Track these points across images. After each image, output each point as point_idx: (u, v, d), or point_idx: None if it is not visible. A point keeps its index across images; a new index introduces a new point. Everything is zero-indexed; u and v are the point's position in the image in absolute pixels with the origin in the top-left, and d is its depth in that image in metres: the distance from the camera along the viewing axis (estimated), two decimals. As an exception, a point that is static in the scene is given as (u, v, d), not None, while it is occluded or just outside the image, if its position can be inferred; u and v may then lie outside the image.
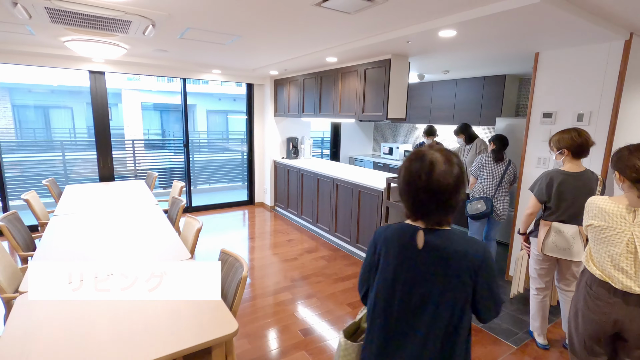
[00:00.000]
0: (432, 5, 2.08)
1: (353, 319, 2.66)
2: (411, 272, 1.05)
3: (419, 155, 1.02)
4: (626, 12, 2.11)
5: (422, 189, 0.98)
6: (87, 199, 3.53)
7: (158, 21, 2.48)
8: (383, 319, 1.09)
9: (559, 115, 2.92)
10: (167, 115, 16.71)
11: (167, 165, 7.22)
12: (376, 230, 1.20)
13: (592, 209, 1.52)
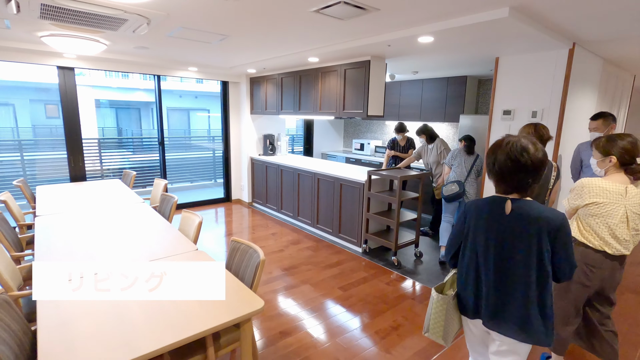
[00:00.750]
0: (416, 15, 2.35)
1: (345, 300, 2.89)
2: (500, 233, 1.33)
3: (512, 142, 1.30)
4: (570, 26, 2.53)
5: (520, 168, 1.26)
6: (67, 198, 3.44)
7: (154, 20, 2.53)
8: (481, 270, 1.38)
9: (516, 113, 3.36)
10: (123, 113, 15.94)
11: (137, 164, 7.00)
12: (466, 204, 1.47)
13: (592, 189, 1.79)
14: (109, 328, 1.44)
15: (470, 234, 1.41)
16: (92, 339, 1.37)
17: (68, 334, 1.40)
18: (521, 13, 2.23)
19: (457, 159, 3.72)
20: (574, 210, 1.90)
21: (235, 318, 1.56)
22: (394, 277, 3.41)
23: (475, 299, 1.41)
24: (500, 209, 1.33)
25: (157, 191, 3.94)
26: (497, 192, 1.39)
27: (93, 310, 1.56)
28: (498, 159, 1.32)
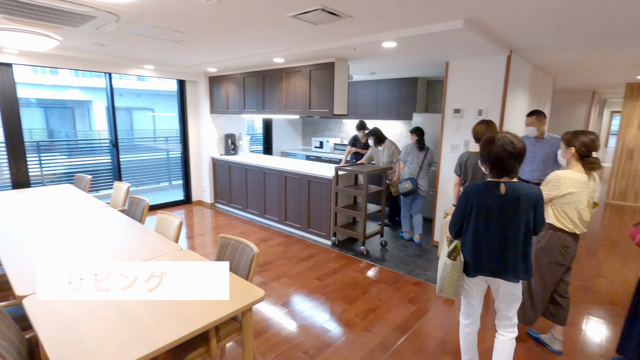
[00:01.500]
0: (383, 23, 2.59)
1: (323, 289, 3.06)
2: (498, 209, 1.70)
3: (501, 137, 1.67)
4: (508, 36, 2.94)
5: (512, 156, 1.64)
6: (21, 206, 3.18)
7: (124, 18, 2.47)
8: (482, 237, 1.74)
9: (465, 111, 3.77)
10: (53, 113, 14.57)
11: (83, 168, 6.50)
12: (467, 188, 1.80)
13: (568, 181, 2.08)
14: (116, 327, 1.45)
15: (473, 212, 1.75)
16: (101, 338, 1.38)
17: (74, 336, 1.39)
18: (473, 25, 2.56)
19: (411, 155, 4.08)
20: (550, 200, 2.21)
21: (239, 308, 1.64)
22: (363, 265, 3.65)
23: (477, 261, 1.78)
24: (497, 190, 1.70)
25: (119, 195, 3.77)
26: (491, 177, 1.73)
27: (91, 311, 1.56)
28: (493, 151, 1.67)
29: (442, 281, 1.84)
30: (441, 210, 4.07)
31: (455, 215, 1.84)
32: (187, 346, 1.74)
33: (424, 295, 3.04)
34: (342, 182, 4.07)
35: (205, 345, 1.77)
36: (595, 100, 8.30)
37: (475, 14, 2.36)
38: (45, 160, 6.03)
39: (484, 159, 1.75)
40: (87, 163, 6.29)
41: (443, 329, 2.58)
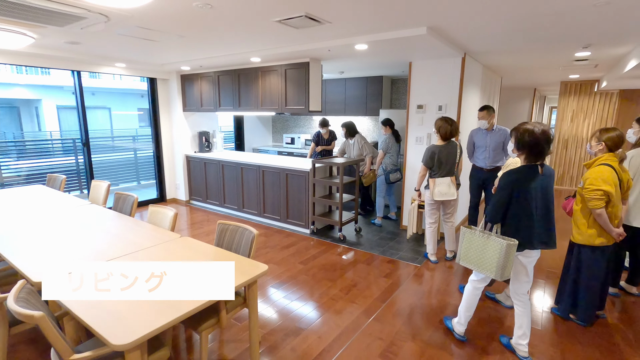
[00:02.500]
0: (357, 28, 2.90)
1: (307, 271, 3.33)
2: (540, 189, 1.99)
3: (536, 127, 1.96)
4: (463, 41, 3.37)
5: (546, 142, 1.94)
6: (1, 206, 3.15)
7: (114, 19, 2.58)
8: (528, 216, 1.98)
9: (427, 107, 4.20)
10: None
11: (46, 169, 6.24)
12: (510, 175, 2.03)
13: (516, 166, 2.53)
14: (140, 299, 1.64)
15: (521, 194, 1.97)
16: (134, 307, 1.57)
17: (106, 309, 1.56)
18: (434, 31, 2.94)
19: (392, 148, 4.50)
20: None
21: (247, 279, 1.88)
22: (341, 250, 3.98)
23: (527, 236, 2.01)
24: (536, 172, 1.99)
25: (99, 193, 3.79)
26: (528, 162, 2.02)
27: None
28: (531, 140, 1.95)
29: (501, 266, 1.98)
30: (408, 197, 4.50)
31: (499, 202, 2.03)
32: (200, 318, 1.95)
33: (397, 271, 3.42)
34: (318, 174, 4.36)
35: (215, 316, 1.99)
36: (537, 96, 9.26)
37: (436, 23, 2.74)
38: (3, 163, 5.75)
39: (521, 146, 2.00)
40: (44, 164, 6.04)
41: (416, 296, 2.97)
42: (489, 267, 2.04)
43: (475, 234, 2.11)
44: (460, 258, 2.20)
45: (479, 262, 2.10)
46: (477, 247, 2.10)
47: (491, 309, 2.77)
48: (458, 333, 2.38)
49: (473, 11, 2.43)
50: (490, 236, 2.04)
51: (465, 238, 2.15)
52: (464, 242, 2.16)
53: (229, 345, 2.34)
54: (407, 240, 4.26)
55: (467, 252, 2.15)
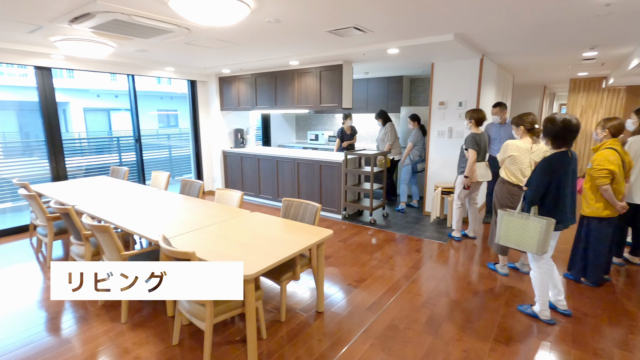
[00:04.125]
0: (391, 35, 3.38)
1: (347, 247, 3.79)
2: (570, 170, 2.27)
3: (558, 116, 2.25)
4: (482, 44, 3.83)
5: (576, 131, 2.23)
6: (87, 192, 3.71)
7: (193, 32, 3.09)
8: (564, 196, 2.28)
9: (448, 103, 4.66)
10: (22, 115, 14.32)
11: (97, 165, 6.82)
12: (549, 160, 2.29)
13: (511, 147, 2.96)
14: (242, 249, 2.15)
15: (560, 176, 2.26)
16: (243, 253, 2.07)
17: (218, 253, 2.07)
18: (459, 37, 3.41)
19: (420, 140, 5.01)
20: (503, 161, 3.09)
21: (317, 240, 2.37)
22: (371, 232, 4.45)
23: (562, 214, 2.31)
24: (567, 157, 2.28)
25: (160, 181, 4.31)
26: (557, 148, 2.30)
27: (213, 245, 2.24)
28: (553, 128, 2.26)
29: (541, 242, 2.24)
30: (431, 185, 4.96)
31: (539, 185, 2.29)
32: (279, 272, 2.45)
33: (426, 247, 3.89)
34: (349, 165, 4.85)
35: (291, 271, 2.48)
36: (547, 93, 9.63)
37: (462, 30, 3.21)
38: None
39: (545, 133, 2.31)
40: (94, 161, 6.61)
41: (445, 265, 3.44)
42: (529, 244, 2.30)
43: (514, 216, 2.36)
44: (500, 238, 2.47)
45: (519, 241, 2.34)
46: (517, 227, 2.34)
47: (509, 277, 3.23)
48: (545, 318, 2.48)
49: (494, 20, 2.90)
50: (530, 217, 2.30)
51: (504, 220, 2.43)
52: (502, 224, 2.43)
53: (298, 296, 2.84)
54: (431, 223, 4.72)
55: (507, 232, 2.42)
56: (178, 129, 17.06)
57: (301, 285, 3.05)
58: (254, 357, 2.04)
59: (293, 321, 2.51)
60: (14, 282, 3.14)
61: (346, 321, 2.51)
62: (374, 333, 2.36)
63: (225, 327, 2.44)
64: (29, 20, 2.78)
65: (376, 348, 2.21)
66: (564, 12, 2.65)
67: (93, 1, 2.26)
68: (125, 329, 2.41)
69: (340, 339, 2.31)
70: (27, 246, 4.01)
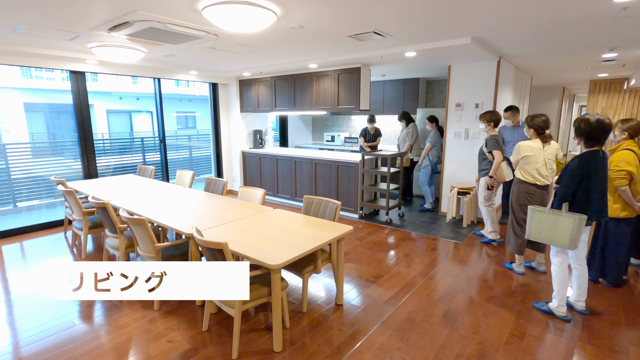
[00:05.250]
0: (409, 39, 3.48)
1: (365, 245, 3.90)
2: (601, 170, 2.31)
3: (592, 117, 2.29)
4: (500, 47, 3.89)
5: (608, 130, 2.28)
6: (114, 190, 3.93)
7: (220, 38, 3.27)
8: (596, 192, 2.31)
9: (465, 105, 4.72)
10: (55, 117, 14.95)
11: (122, 164, 7.14)
12: (581, 159, 2.32)
13: (525, 147, 3.03)
14: (268, 242, 2.29)
15: (590, 174, 2.29)
16: (271, 246, 2.21)
17: (252, 247, 2.21)
18: (477, 40, 3.49)
19: (438, 142, 5.09)
20: (517, 162, 3.15)
21: (337, 235, 2.49)
22: (388, 231, 4.54)
23: (593, 210, 2.34)
24: (598, 156, 2.32)
25: (185, 180, 4.52)
26: (587, 147, 2.35)
27: (242, 238, 2.38)
28: (587, 127, 2.29)
29: (574, 238, 2.31)
30: (447, 185, 5.01)
31: (571, 182, 2.34)
32: (300, 265, 2.58)
33: (442, 246, 3.96)
34: (366, 166, 4.95)
35: (312, 264, 2.61)
36: (566, 95, 9.50)
37: (479, 34, 3.29)
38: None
39: (578, 133, 2.35)
40: (121, 160, 6.93)
41: (461, 263, 3.50)
42: (561, 240, 2.36)
43: (545, 213, 2.43)
44: (531, 234, 2.52)
45: (551, 237, 2.40)
46: (549, 224, 2.41)
47: (525, 276, 3.27)
48: (561, 315, 2.52)
49: (511, 23, 2.97)
50: (561, 214, 2.37)
51: (534, 217, 2.48)
52: (533, 221, 2.50)
53: (318, 290, 2.96)
54: (447, 223, 4.77)
55: (539, 229, 2.48)
56: (196, 130, 17.48)
57: (320, 280, 3.17)
58: (279, 343, 2.17)
59: (314, 312, 2.63)
60: (50, 272, 3.37)
61: (365, 313, 2.62)
62: (392, 325, 2.46)
63: (249, 316, 2.58)
64: (72, 28, 3.00)
65: (394, 338, 2.31)
66: (581, 15, 2.70)
67: (133, 11, 2.45)
68: (157, 316, 2.58)
69: (359, 329, 2.42)
70: (61, 239, 4.26)
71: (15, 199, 5.27)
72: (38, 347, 2.26)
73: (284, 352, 2.18)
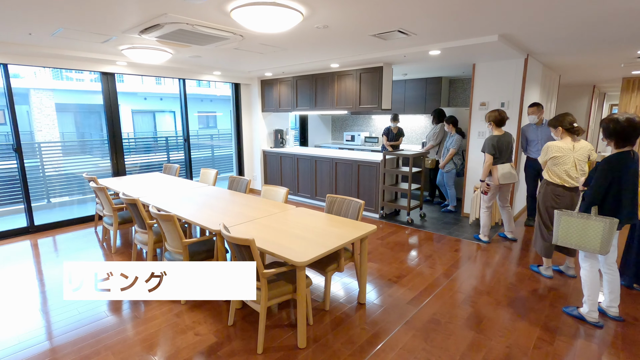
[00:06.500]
0: (434, 37, 3.44)
1: (386, 245, 3.88)
2: (633, 169, 2.23)
3: (621, 116, 2.21)
4: (529, 45, 3.79)
5: (632, 129, 2.18)
6: (141, 187, 4.06)
7: (246, 38, 3.33)
8: (627, 195, 2.24)
9: (489, 104, 4.62)
10: (83, 117, 15.53)
11: (146, 163, 7.35)
12: (609, 160, 2.26)
13: (553, 148, 2.93)
14: (292, 239, 2.31)
15: (621, 176, 2.23)
16: (297, 243, 2.23)
17: (278, 244, 2.24)
18: (504, 38, 3.41)
19: (462, 147, 5.03)
20: (545, 163, 3.06)
21: (361, 235, 2.49)
22: (409, 231, 4.50)
23: (623, 213, 2.27)
24: (629, 158, 2.25)
25: (208, 178, 4.62)
26: (620, 148, 2.27)
27: (268, 235, 2.42)
28: (617, 128, 2.21)
29: (605, 242, 2.24)
30: (470, 187, 4.92)
31: (601, 185, 2.28)
32: (323, 263, 2.59)
33: (465, 247, 3.89)
34: (387, 165, 4.92)
35: (335, 263, 2.62)
36: (596, 93, 9.14)
37: (507, 31, 3.21)
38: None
39: (608, 134, 2.27)
40: (145, 159, 7.14)
41: (485, 265, 3.44)
42: (592, 244, 2.29)
43: (574, 216, 2.35)
44: (559, 239, 2.44)
45: (580, 241, 2.32)
46: (578, 228, 2.33)
47: (554, 280, 3.18)
48: (593, 320, 2.44)
49: (540, 20, 2.89)
50: (590, 217, 2.29)
51: (562, 221, 2.40)
52: (560, 225, 2.42)
53: (340, 289, 2.97)
54: (470, 224, 4.69)
55: (567, 233, 2.39)
56: (217, 130, 17.80)
57: (342, 279, 3.18)
58: (303, 340, 2.20)
59: (336, 310, 2.65)
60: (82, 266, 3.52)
61: (387, 313, 2.61)
62: (416, 325, 2.45)
63: (272, 313, 2.62)
64: (105, 32, 3.12)
65: (418, 339, 2.29)
66: (621, 8, 2.60)
67: (164, 14, 2.53)
68: (184, 310, 2.66)
69: (382, 328, 2.42)
70: (92, 234, 4.44)
71: (49, 195, 5.53)
72: (74, 335, 2.37)
73: (308, 348, 2.20)
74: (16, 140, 4.23)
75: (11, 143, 4.24)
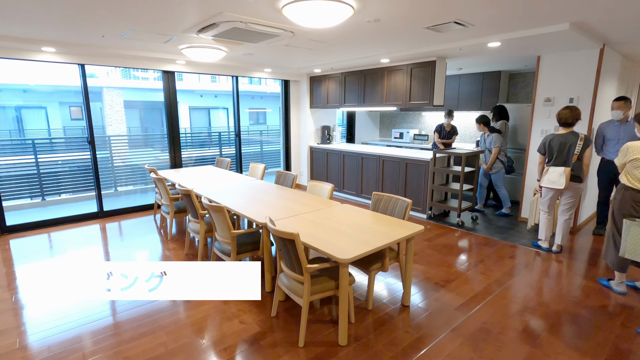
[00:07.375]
0: (494, 28, 3.20)
1: (435, 247, 3.72)
2: None
3: None
4: (606, 32, 3.39)
5: None
6: (195, 179, 4.30)
7: (296, 35, 3.36)
8: None
9: (556, 100, 4.22)
10: (147, 113, 16.74)
11: (200, 156, 7.79)
12: None
13: (634, 149, 2.59)
14: (337, 235, 2.29)
15: None
16: (341, 240, 2.22)
17: (322, 240, 2.24)
18: (576, 26, 3.08)
19: (504, 144, 4.70)
20: (623, 166, 2.72)
21: (408, 234, 2.40)
22: (459, 233, 4.28)
23: None
24: None
25: (257, 172, 4.75)
26: None
27: (312, 230, 2.42)
28: None
29: None
30: (528, 189, 4.55)
31: None
32: (367, 261, 2.55)
33: (521, 255, 3.61)
34: (438, 164, 4.72)
35: (379, 262, 2.56)
36: (687, 87, 7.97)
37: (580, 18, 2.90)
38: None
39: None
40: (201, 153, 7.55)
41: (542, 275, 3.16)
42: None
43: None
44: (626, 252, 2.21)
45: None
46: None
47: (626, 296, 2.83)
48: None
49: (623, 3, 2.56)
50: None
51: (631, 231, 2.16)
52: (629, 235, 2.18)
53: (383, 289, 2.91)
54: (528, 230, 4.34)
55: (635, 245, 2.16)
56: (266, 126, 18.33)
57: (385, 279, 3.11)
58: (344, 337, 2.18)
59: (379, 311, 2.59)
60: (140, 249, 3.81)
61: (432, 318, 2.50)
62: (464, 333, 2.32)
63: (314, 308, 2.63)
64: (167, 32, 3.33)
65: (466, 348, 2.17)
66: None
67: (220, 13, 2.63)
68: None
69: (427, 333, 2.32)
70: (151, 221, 4.79)
71: (116, 184, 6.07)
72: (134, 313, 2.57)
73: (349, 346, 2.18)
74: (90, 134, 4.68)
75: (86, 136, 4.70)
